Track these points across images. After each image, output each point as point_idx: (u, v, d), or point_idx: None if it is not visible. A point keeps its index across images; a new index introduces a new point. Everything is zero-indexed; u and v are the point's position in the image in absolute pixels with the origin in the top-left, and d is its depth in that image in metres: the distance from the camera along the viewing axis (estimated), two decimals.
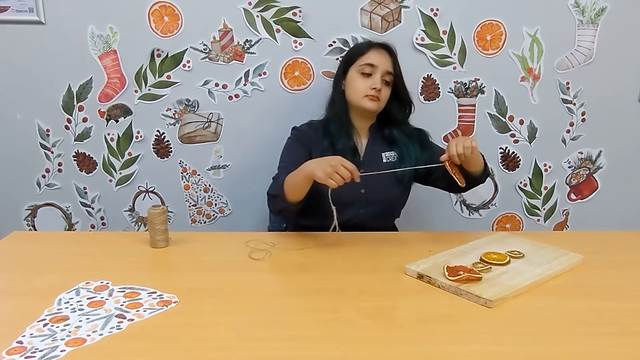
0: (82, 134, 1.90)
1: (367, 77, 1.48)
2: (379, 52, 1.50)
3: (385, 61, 1.49)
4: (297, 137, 1.55)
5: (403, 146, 1.52)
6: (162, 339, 0.90)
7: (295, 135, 1.56)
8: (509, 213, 2.05)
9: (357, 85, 1.48)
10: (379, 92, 1.46)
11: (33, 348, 0.86)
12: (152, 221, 1.31)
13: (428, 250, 1.28)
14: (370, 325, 0.95)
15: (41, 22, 1.78)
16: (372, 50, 1.50)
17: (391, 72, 1.49)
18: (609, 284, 1.14)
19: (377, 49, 1.50)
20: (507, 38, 1.85)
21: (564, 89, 1.90)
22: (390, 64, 1.50)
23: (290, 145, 1.54)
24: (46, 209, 1.98)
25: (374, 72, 1.47)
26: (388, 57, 1.50)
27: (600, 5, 1.82)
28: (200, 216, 2.01)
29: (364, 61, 1.48)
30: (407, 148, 1.52)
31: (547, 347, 0.88)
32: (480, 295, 1.02)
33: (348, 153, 1.46)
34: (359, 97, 1.48)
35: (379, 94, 1.47)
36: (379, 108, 1.50)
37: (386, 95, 1.50)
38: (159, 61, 1.83)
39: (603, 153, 1.98)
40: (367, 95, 1.47)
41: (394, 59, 1.52)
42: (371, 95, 1.46)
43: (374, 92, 1.46)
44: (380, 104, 1.49)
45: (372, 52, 1.50)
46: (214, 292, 1.09)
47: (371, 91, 1.46)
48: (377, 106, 1.49)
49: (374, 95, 1.46)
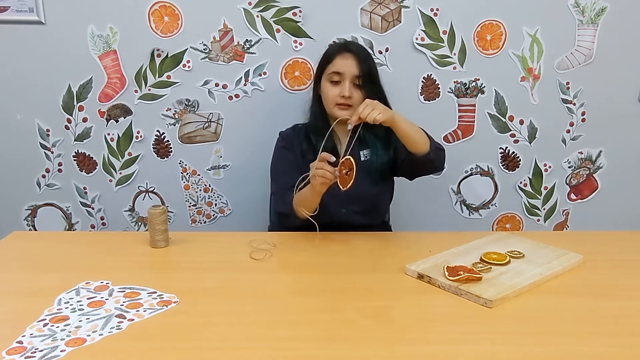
0: (82, 134, 1.90)
1: (336, 85, 1.48)
2: (343, 57, 1.48)
3: (350, 65, 1.46)
4: (283, 144, 1.58)
5: (372, 144, 1.54)
6: (162, 339, 0.90)
7: (281, 142, 1.59)
8: (509, 213, 2.05)
9: (327, 93, 1.50)
10: (349, 99, 1.47)
11: (33, 348, 0.86)
12: (152, 221, 1.31)
13: (428, 250, 1.28)
14: (370, 325, 0.95)
15: (41, 22, 1.78)
16: (338, 57, 1.49)
17: (359, 75, 1.47)
18: (609, 284, 1.14)
19: (342, 55, 1.48)
20: (507, 38, 1.85)
21: (564, 89, 1.90)
22: (356, 67, 1.46)
23: (279, 154, 1.58)
24: (46, 209, 1.98)
25: (342, 79, 1.47)
26: (353, 60, 1.47)
27: (600, 5, 1.82)
28: (200, 216, 2.01)
29: (331, 70, 1.49)
30: (375, 145, 1.53)
31: (547, 347, 0.88)
32: (480, 295, 1.02)
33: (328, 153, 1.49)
34: (331, 106, 1.49)
35: (349, 101, 1.47)
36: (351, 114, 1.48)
37: (358, 99, 1.48)
38: (159, 61, 1.83)
39: (603, 153, 1.98)
40: (337, 103, 1.48)
41: (360, 59, 1.48)
42: (340, 103, 1.47)
43: (342, 100, 1.47)
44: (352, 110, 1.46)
45: (338, 58, 1.48)
46: (214, 292, 1.09)
47: (340, 99, 1.47)
48: (349, 114, 1.46)
49: (343, 104, 1.47)
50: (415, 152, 1.38)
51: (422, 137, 1.38)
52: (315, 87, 1.58)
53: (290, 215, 1.43)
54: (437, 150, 1.43)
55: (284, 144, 1.58)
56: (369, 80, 1.48)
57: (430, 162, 1.42)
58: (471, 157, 1.97)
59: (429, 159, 1.40)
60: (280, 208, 1.49)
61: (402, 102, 1.65)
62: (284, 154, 1.56)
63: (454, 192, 2.02)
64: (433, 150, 1.40)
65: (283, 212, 1.47)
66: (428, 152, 1.38)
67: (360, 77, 1.47)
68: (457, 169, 1.99)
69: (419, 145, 1.37)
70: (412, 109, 1.88)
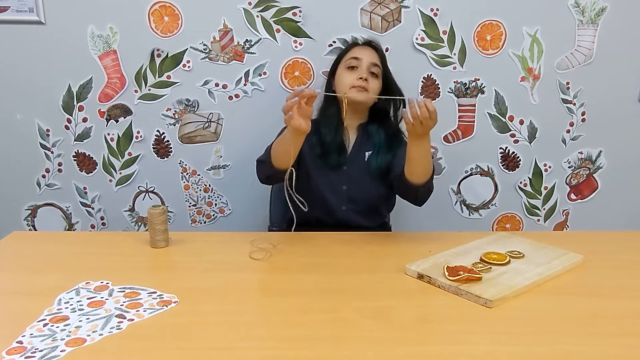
0: (82, 134, 1.90)
1: (353, 70, 1.51)
2: (363, 47, 1.57)
3: (370, 54, 1.53)
4: None
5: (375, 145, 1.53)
6: (162, 339, 0.90)
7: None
8: (509, 213, 2.05)
9: (344, 78, 1.52)
10: (366, 82, 1.47)
11: (33, 348, 0.86)
12: (152, 221, 1.31)
13: (428, 250, 1.28)
14: (370, 325, 0.95)
15: (41, 22, 1.78)
16: (356, 47, 1.58)
17: (377, 64, 1.51)
18: (609, 284, 1.14)
19: (360, 46, 1.58)
20: (507, 38, 1.85)
21: (564, 89, 1.90)
22: (376, 56, 1.54)
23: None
24: (46, 209, 1.98)
25: (360, 65, 1.50)
26: (373, 51, 1.55)
27: (600, 5, 1.82)
28: (200, 216, 2.01)
29: (349, 56, 1.53)
30: (377, 147, 1.52)
31: (547, 347, 0.88)
32: (480, 295, 1.02)
33: (335, 149, 1.50)
34: (347, 89, 1.49)
35: (366, 84, 1.47)
36: (367, 99, 1.50)
37: (375, 87, 1.50)
38: (159, 61, 1.83)
39: (603, 153, 1.98)
40: (354, 86, 1.48)
41: (380, 54, 1.55)
42: (358, 85, 1.48)
43: (360, 82, 1.47)
44: (369, 95, 1.49)
45: (357, 48, 1.57)
46: (214, 292, 1.09)
47: (358, 81, 1.48)
48: (365, 97, 1.48)
49: (360, 86, 1.47)
50: (409, 177, 1.35)
51: (427, 170, 1.35)
52: (328, 83, 1.61)
53: (265, 162, 1.42)
54: (427, 190, 1.41)
55: None
56: (385, 72, 1.53)
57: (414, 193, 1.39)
58: (471, 157, 1.98)
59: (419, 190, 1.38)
60: (260, 157, 1.48)
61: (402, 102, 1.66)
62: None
63: (454, 192, 2.02)
64: (423, 186, 1.37)
65: (260, 159, 1.47)
66: (420, 185, 1.36)
67: (379, 66, 1.51)
68: (457, 169, 1.99)
69: (419, 174, 1.34)
70: None
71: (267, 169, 1.41)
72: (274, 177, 1.41)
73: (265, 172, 1.44)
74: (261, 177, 1.49)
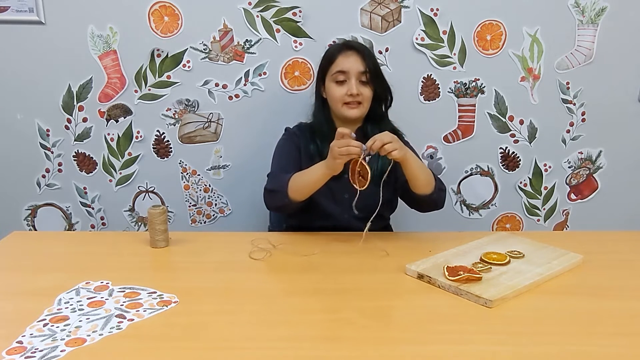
0: (82, 134, 1.90)
1: (342, 84, 1.45)
2: (346, 55, 1.46)
3: (354, 62, 1.44)
4: (289, 137, 1.57)
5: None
6: (162, 339, 0.90)
7: (287, 136, 1.57)
8: (509, 213, 2.05)
9: (333, 93, 1.47)
10: (358, 96, 1.44)
11: (33, 348, 0.86)
12: (152, 221, 1.31)
13: (428, 250, 1.28)
14: (370, 325, 0.95)
15: (41, 22, 1.78)
16: (340, 56, 1.46)
17: (365, 71, 1.44)
18: (609, 284, 1.14)
19: (344, 53, 1.46)
20: (507, 38, 1.85)
21: (564, 89, 1.90)
22: (361, 63, 1.45)
23: (284, 143, 1.56)
24: (46, 209, 1.98)
25: (348, 78, 1.45)
26: (357, 57, 1.45)
27: (600, 5, 1.82)
28: (200, 216, 2.01)
29: (335, 69, 1.46)
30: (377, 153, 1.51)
31: (547, 347, 0.88)
32: (480, 295, 1.02)
33: None
34: (339, 106, 1.47)
35: (359, 98, 1.45)
36: (361, 114, 1.48)
37: (367, 95, 1.46)
38: (159, 61, 1.83)
39: (603, 153, 1.98)
40: (345, 103, 1.46)
41: (364, 55, 1.46)
42: (348, 102, 1.45)
43: (350, 99, 1.44)
44: (362, 108, 1.47)
45: (340, 57, 1.46)
46: (214, 292, 1.09)
47: (348, 98, 1.45)
48: (359, 112, 1.46)
49: (351, 102, 1.45)
50: (418, 192, 1.39)
51: (428, 178, 1.37)
52: (317, 89, 1.55)
53: (278, 192, 1.38)
54: (440, 191, 1.43)
55: (290, 139, 1.56)
56: (375, 76, 1.46)
57: (432, 202, 1.43)
58: (471, 157, 1.98)
59: (432, 199, 1.41)
60: (269, 186, 1.43)
61: (402, 102, 1.66)
62: (289, 146, 1.54)
63: (454, 192, 2.02)
64: (436, 192, 1.40)
65: (271, 189, 1.41)
66: (431, 193, 1.39)
67: (366, 73, 1.44)
68: (457, 169, 1.99)
69: (424, 186, 1.37)
70: (412, 109, 1.88)
71: (280, 200, 1.38)
72: (286, 207, 1.40)
73: (277, 202, 1.41)
74: (272, 206, 1.47)
